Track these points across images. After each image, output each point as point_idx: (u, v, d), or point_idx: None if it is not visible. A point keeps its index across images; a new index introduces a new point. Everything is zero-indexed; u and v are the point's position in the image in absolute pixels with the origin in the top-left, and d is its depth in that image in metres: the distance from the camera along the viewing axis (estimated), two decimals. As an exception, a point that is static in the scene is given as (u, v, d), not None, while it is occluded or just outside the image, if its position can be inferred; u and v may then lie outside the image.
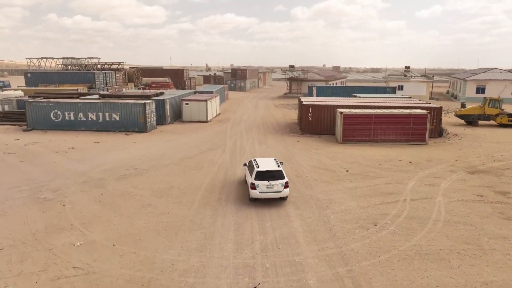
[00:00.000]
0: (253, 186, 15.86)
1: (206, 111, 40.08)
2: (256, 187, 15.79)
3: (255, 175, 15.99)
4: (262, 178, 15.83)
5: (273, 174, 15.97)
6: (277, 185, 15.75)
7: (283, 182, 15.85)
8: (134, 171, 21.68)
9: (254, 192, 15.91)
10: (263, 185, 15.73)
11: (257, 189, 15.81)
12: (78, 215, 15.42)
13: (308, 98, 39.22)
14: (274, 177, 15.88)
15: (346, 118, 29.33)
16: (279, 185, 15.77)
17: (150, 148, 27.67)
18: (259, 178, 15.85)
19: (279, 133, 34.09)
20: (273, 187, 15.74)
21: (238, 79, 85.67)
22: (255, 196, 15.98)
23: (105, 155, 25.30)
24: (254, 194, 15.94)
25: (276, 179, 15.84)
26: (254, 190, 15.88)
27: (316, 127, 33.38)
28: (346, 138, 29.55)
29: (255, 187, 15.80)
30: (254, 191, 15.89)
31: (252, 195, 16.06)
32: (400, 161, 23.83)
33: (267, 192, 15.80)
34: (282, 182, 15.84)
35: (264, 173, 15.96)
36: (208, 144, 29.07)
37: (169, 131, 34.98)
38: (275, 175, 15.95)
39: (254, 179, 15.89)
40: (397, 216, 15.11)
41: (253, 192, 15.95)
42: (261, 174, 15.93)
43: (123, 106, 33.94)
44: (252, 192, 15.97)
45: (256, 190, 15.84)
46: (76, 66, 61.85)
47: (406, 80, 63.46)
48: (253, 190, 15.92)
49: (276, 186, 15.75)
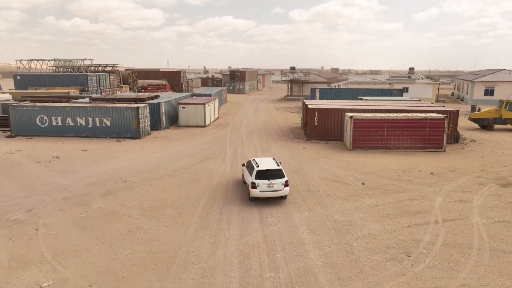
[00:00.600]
0: (253, 185, 15.87)
1: (204, 115, 37.65)
2: (257, 186, 15.79)
3: (255, 174, 15.97)
4: (262, 177, 15.86)
5: (273, 173, 16.05)
6: (277, 184, 15.83)
7: (283, 181, 15.92)
8: (123, 184, 19.21)
9: (254, 191, 15.90)
10: (264, 184, 15.76)
11: (258, 188, 15.81)
12: (52, 242, 12.93)
13: (313, 101, 36.86)
14: (274, 176, 15.95)
15: (356, 123, 26.96)
16: (279, 183, 15.85)
17: (142, 157, 25.20)
18: (260, 177, 15.87)
19: (282, 139, 31.68)
20: (274, 186, 15.81)
21: (237, 81, 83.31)
22: (255, 195, 15.98)
23: (92, 166, 22.81)
24: (255, 193, 15.95)
25: (276, 178, 15.89)
26: (254, 189, 15.88)
27: (323, 132, 31.01)
28: (356, 145, 27.18)
29: (256, 186, 15.80)
30: (255, 190, 15.88)
31: (252, 194, 16.08)
32: (420, 171, 21.45)
33: (267, 191, 15.85)
34: (282, 181, 15.91)
35: (265, 172, 16.02)
36: (207, 152, 26.63)
37: (164, 137, 32.52)
38: (275, 174, 16.02)
39: (255, 178, 15.88)
40: (432, 243, 12.69)
41: (253, 191, 15.94)
42: (261, 173, 15.96)
43: (115, 111, 31.47)
44: (253, 191, 15.98)
45: (256, 189, 15.84)
46: (68, 68, 59.28)
47: (411, 82, 61.24)
48: (253, 189, 15.91)
49: (277, 185, 15.82)
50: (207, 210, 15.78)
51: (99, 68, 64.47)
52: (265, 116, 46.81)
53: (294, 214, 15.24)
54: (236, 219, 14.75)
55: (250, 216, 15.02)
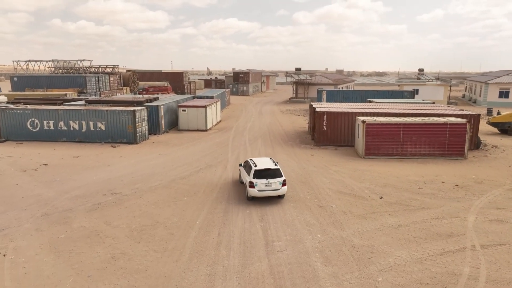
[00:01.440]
0: (251, 185, 15.77)
1: (205, 119, 35.64)
2: (255, 186, 15.69)
3: (253, 173, 15.90)
4: (260, 177, 15.78)
5: (271, 172, 15.97)
6: (275, 183, 15.78)
7: (281, 180, 15.88)
8: (112, 198, 17.19)
9: (252, 190, 15.82)
10: (262, 184, 15.69)
11: (256, 187, 15.72)
12: (18, 273, 10.91)
13: (321, 104, 34.73)
14: (272, 175, 15.86)
15: (369, 128, 24.81)
16: (277, 183, 15.80)
17: (137, 164, 23.20)
18: (257, 177, 15.79)
19: (288, 145, 29.57)
20: (271, 185, 15.75)
21: (241, 83, 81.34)
22: (253, 194, 15.90)
23: (81, 175, 20.85)
24: (253, 193, 15.86)
25: (274, 177, 15.81)
26: (252, 188, 15.78)
27: (332, 137, 28.88)
28: (369, 152, 25.01)
29: (254, 185, 15.70)
30: (253, 190, 15.79)
31: (250, 193, 15.97)
32: (443, 183, 19.26)
33: (265, 190, 15.77)
34: (280, 180, 15.87)
35: (262, 171, 15.96)
36: (207, 158, 24.58)
37: (162, 142, 30.53)
38: (273, 173, 15.92)
39: (253, 178, 15.79)
40: (474, 278, 10.52)
41: (251, 190, 15.85)
42: (259, 173, 15.89)
43: (110, 114, 29.54)
44: (251, 191, 15.88)
45: (254, 188, 15.75)
46: (66, 69, 57.58)
47: (422, 84, 58.89)
48: (251, 189, 15.82)
49: (274, 184, 15.77)
50: (204, 230, 13.71)
51: (99, 69, 62.80)
52: (270, 119, 44.73)
53: (305, 236, 13.14)
54: (237, 243, 12.66)
55: (253, 239, 12.93)
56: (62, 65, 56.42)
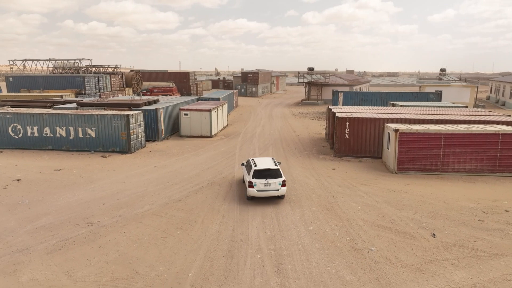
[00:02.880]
0: (250, 185, 15.70)
1: (209, 124, 31.88)
2: (254, 186, 15.62)
3: (252, 173, 15.83)
4: (259, 177, 15.69)
5: (271, 172, 15.83)
6: (275, 184, 15.65)
7: (280, 181, 15.73)
8: (85, 230, 13.47)
9: (251, 190, 15.71)
10: (261, 184, 15.60)
11: (255, 187, 15.62)
12: None
13: (340, 108, 30.69)
14: (272, 175, 15.76)
15: (403, 138, 20.75)
16: (276, 183, 15.66)
17: (127, 180, 19.50)
18: (257, 177, 15.71)
19: (304, 155, 25.63)
20: (271, 185, 15.63)
21: (249, 83, 77.51)
22: (252, 194, 15.77)
23: (57, 195, 17.20)
24: (252, 193, 15.74)
25: (274, 178, 15.70)
26: (251, 188, 15.68)
27: (355, 147, 24.86)
28: (402, 167, 20.95)
29: (253, 185, 15.63)
30: (252, 190, 15.69)
31: (249, 193, 15.84)
32: (508, 211, 15.13)
33: (264, 190, 15.66)
34: (280, 181, 15.72)
35: (262, 171, 15.84)
36: (210, 173, 20.78)
37: (160, 151, 26.82)
38: (273, 174, 15.80)
39: (252, 178, 15.73)
40: None
41: (250, 190, 15.74)
42: (258, 173, 15.79)
43: (100, 119, 25.93)
44: (250, 191, 15.76)
45: (253, 188, 15.65)
46: (64, 69, 54.39)
47: (446, 85, 54.32)
48: (250, 189, 15.72)
49: (274, 184, 15.64)
50: (198, 289, 9.87)
51: (100, 69, 59.57)
52: (281, 123, 40.79)
53: (340, 304, 9.19)
54: (244, 316, 8.78)
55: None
56: (60, 64, 53.20)
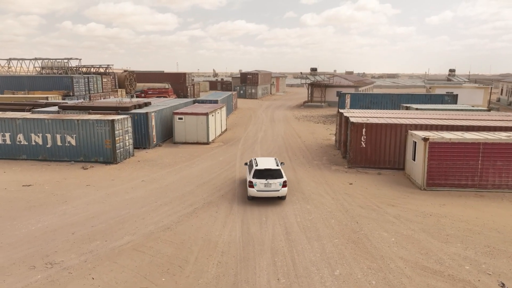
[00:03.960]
0: (251, 184, 15.45)
1: (206, 129, 28.69)
2: (254, 185, 15.38)
3: (253, 173, 15.59)
4: (260, 177, 15.43)
5: (271, 173, 15.57)
6: (275, 184, 15.38)
7: (281, 181, 15.44)
8: (41, 276, 10.24)
9: (252, 190, 15.47)
10: (261, 184, 15.35)
11: (255, 187, 15.39)
12: None
13: (353, 112, 27.55)
14: (272, 175, 15.49)
15: (434, 148, 17.63)
16: (276, 184, 15.38)
17: (107, 199, 16.29)
18: (257, 177, 15.45)
19: (314, 165, 22.48)
20: (271, 185, 15.36)
21: (249, 84, 74.36)
22: (252, 194, 15.51)
23: (17, 220, 13.98)
24: (252, 193, 15.49)
25: (274, 178, 15.43)
26: (252, 188, 15.44)
27: (373, 157, 21.75)
28: (433, 182, 17.82)
29: (253, 185, 15.38)
30: (252, 189, 15.46)
31: (250, 193, 15.58)
32: None
33: (264, 190, 15.39)
34: (280, 181, 15.44)
35: (262, 171, 15.58)
36: (206, 189, 17.58)
37: (151, 160, 23.62)
38: (273, 174, 15.54)
39: (252, 177, 15.46)
40: None
41: (251, 190, 15.49)
42: (259, 173, 15.53)
43: (82, 125, 22.72)
44: (250, 190, 15.52)
45: (254, 188, 15.41)
46: (53, 69, 51.11)
47: (457, 86, 51.34)
48: (251, 188, 15.47)
49: (274, 185, 15.37)
50: None
51: (91, 69, 56.33)
52: (284, 128, 37.63)
53: None
54: None
55: None
56: (48, 64, 49.89)
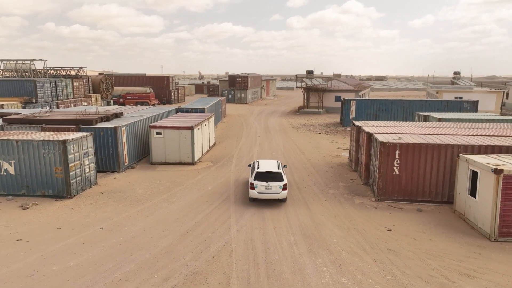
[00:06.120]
0: (252, 186, 15.87)
1: (192, 146, 23.22)
2: (255, 187, 15.75)
3: (254, 175, 15.97)
4: (261, 179, 15.82)
5: (272, 175, 15.90)
6: (275, 187, 15.68)
7: (281, 184, 15.73)
8: None
9: (252, 192, 15.88)
10: (262, 186, 15.71)
11: (256, 189, 15.77)
12: None
13: (372, 126, 22.45)
14: (273, 178, 15.83)
15: (509, 184, 12.64)
16: (277, 186, 15.69)
17: (41, 269, 10.70)
18: (258, 179, 15.84)
19: (330, 196, 17.30)
20: (271, 188, 15.68)
21: (238, 88, 69.00)
22: (253, 196, 15.93)
23: None
24: (253, 194, 15.91)
25: (275, 181, 15.75)
26: (253, 190, 15.84)
27: (408, 187, 16.73)
28: (508, 231, 12.83)
29: (254, 187, 15.77)
30: (253, 191, 15.86)
31: (251, 195, 16.00)
32: None
33: (265, 192, 15.75)
34: (281, 184, 15.73)
35: (264, 174, 15.95)
36: (189, 245, 12.14)
37: (117, 191, 18.04)
38: (274, 177, 15.87)
39: (253, 179, 15.86)
40: None
41: (251, 192, 15.90)
42: (260, 175, 15.94)
43: (23, 147, 17.00)
44: (251, 192, 15.93)
45: (254, 190, 15.79)
46: (17, 71, 44.74)
47: (467, 91, 47.12)
48: (252, 190, 15.88)
49: (274, 187, 15.68)
50: None
51: (61, 72, 50.11)
52: (283, 140, 32.39)
53: None
54: None
55: None
56: (8, 66, 43.50)
